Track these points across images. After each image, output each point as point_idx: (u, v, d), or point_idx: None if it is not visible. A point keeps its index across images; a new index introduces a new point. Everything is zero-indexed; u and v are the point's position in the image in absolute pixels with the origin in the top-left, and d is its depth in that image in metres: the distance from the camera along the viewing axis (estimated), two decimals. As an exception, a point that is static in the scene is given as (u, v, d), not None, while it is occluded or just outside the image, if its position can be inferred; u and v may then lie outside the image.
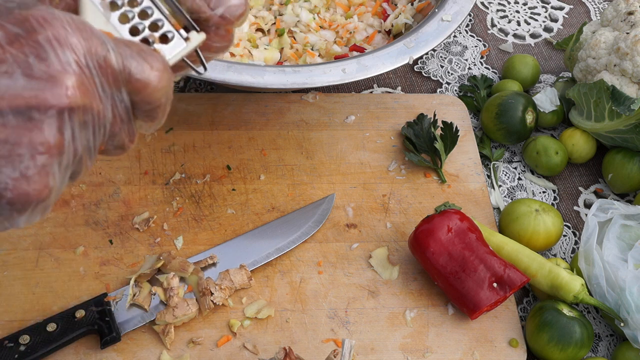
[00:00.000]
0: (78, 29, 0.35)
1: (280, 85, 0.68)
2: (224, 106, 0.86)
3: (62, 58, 0.34)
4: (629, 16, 0.82)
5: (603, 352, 0.71)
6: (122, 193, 0.76)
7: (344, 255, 0.74)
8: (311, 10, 0.89)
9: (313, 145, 0.83)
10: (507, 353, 0.68)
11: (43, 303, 0.67)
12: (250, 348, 0.66)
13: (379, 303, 0.70)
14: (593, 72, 0.84)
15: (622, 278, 0.66)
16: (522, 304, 0.74)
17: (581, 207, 0.83)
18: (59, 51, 0.34)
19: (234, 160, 0.81)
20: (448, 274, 0.68)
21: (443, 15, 0.76)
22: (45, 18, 0.34)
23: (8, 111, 0.33)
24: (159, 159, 0.80)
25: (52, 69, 0.33)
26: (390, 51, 0.72)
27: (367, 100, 0.89)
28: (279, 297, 0.70)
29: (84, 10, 0.39)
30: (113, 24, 0.40)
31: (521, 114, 0.84)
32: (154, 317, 0.66)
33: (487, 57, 1.00)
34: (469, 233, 0.69)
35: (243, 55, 0.82)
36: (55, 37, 0.34)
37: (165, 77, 0.38)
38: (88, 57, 0.35)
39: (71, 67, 0.34)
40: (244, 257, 0.71)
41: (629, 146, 0.81)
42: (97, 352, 0.64)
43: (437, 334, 0.69)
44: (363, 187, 0.80)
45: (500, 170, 0.86)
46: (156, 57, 0.38)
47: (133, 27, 0.40)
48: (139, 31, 0.40)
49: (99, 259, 0.71)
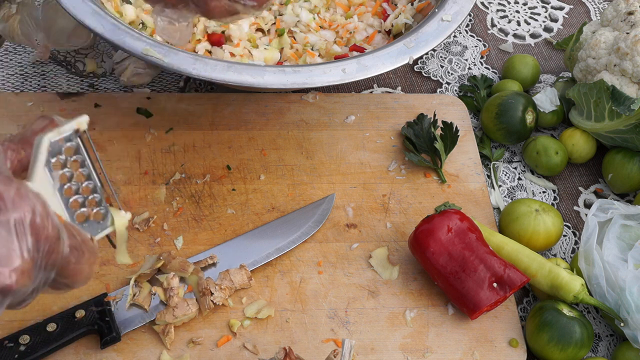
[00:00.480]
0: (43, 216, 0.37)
1: (280, 85, 0.68)
2: (224, 106, 0.86)
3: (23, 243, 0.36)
4: (629, 16, 0.82)
5: (603, 352, 0.71)
6: (122, 193, 0.76)
7: (344, 255, 0.74)
8: (311, 10, 0.89)
9: (313, 145, 0.83)
10: (507, 353, 0.68)
11: (43, 303, 0.67)
12: (250, 348, 0.66)
13: (379, 303, 0.71)
14: (593, 72, 0.84)
15: (622, 278, 0.66)
16: (522, 304, 0.74)
17: (581, 207, 0.83)
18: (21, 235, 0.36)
19: (234, 160, 0.81)
20: (448, 274, 0.68)
21: (443, 15, 0.76)
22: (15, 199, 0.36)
23: None
24: (159, 159, 0.80)
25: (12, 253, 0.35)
26: (390, 51, 0.72)
27: (367, 100, 0.89)
28: (279, 297, 0.70)
29: (35, 178, 0.41)
30: (58, 194, 0.42)
31: (521, 114, 0.84)
32: (154, 317, 0.66)
33: (487, 57, 1.00)
34: (469, 233, 0.69)
35: (243, 55, 0.82)
36: (22, 221, 0.36)
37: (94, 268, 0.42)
38: (43, 243, 0.37)
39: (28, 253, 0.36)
40: (244, 257, 0.71)
41: (629, 146, 0.81)
42: (97, 352, 0.64)
43: (437, 334, 0.69)
44: (363, 187, 0.80)
45: (500, 170, 0.86)
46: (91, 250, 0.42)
47: (74, 202, 0.43)
48: (79, 205, 0.44)
49: (99, 259, 0.71)
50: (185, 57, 0.67)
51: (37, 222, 0.36)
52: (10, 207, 0.35)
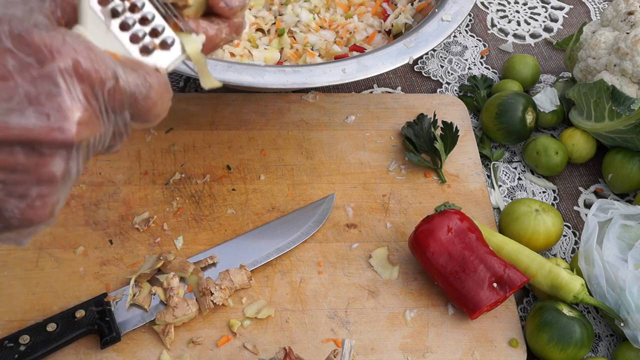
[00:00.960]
0: (89, 58, 0.35)
1: (280, 85, 0.68)
2: (224, 106, 0.86)
3: (73, 92, 0.34)
4: (629, 16, 0.82)
5: (603, 352, 0.71)
6: (122, 193, 0.76)
7: (344, 255, 0.74)
8: (311, 10, 0.89)
9: (313, 145, 0.83)
10: (507, 353, 0.68)
11: (43, 303, 0.67)
12: (250, 348, 0.66)
13: (379, 303, 0.70)
14: (593, 72, 0.84)
15: (622, 278, 0.66)
16: (522, 304, 0.74)
17: (581, 207, 0.83)
18: (70, 85, 0.34)
19: (234, 160, 0.81)
20: (448, 274, 0.68)
21: (443, 15, 0.76)
22: (57, 47, 0.34)
23: (18, 146, 0.33)
24: (159, 159, 0.80)
25: (63, 106, 0.34)
26: (390, 51, 0.72)
27: (367, 100, 0.89)
28: (279, 297, 0.70)
29: (85, 19, 0.38)
30: (113, 31, 0.39)
31: (521, 114, 0.84)
32: (154, 317, 0.66)
33: (487, 57, 1.00)
34: (469, 233, 0.69)
35: (243, 55, 0.82)
36: (66, 70, 0.34)
37: (167, 97, 0.40)
38: (98, 87, 0.35)
39: (81, 103, 0.34)
40: (244, 257, 0.71)
41: (629, 146, 0.81)
42: (97, 352, 0.64)
43: (437, 334, 0.69)
44: (363, 187, 0.80)
45: (500, 170, 0.86)
46: (158, 78, 0.39)
47: (133, 35, 0.40)
48: (139, 38, 0.40)
49: (99, 259, 0.71)
50: (185, 57, 0.67)
51: (84, 67, 0.34)
52: (50, 57, 0.33)
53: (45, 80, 0.33)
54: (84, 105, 0.35)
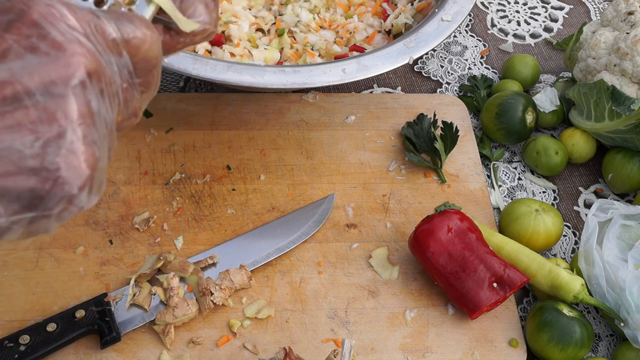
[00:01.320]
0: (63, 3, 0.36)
1: (280, 85, 0.68)
2: (224, 106, 0.86)
3: (62, 30, 0.35)
4: (629, 16, 0.82)
5: (603, 352, 0.71)
6: (122, 193, 0.76)
7: (344, 255, 0.74)
8: (311, 10, 0.89)
9: (313, 145, 0.83)
10: (507, 353, 0.68)
11: (43, 303, 0.67)
12: (250, 348, 0.66)
13: (379, 303, 0.70)
14: (593, 72, 0.84)
15: (622, 278, 0.66)
16: (522, 304, 0.74)
17: (581, 207, 0.83)
18: (57, 24, 0.35)
19: (234, 160, 0.81)
20: (448, 274, 0.68)
21: (443, 15, 0.76)
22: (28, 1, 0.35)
23: (34, 91, 0.33)
24: (159, 159, 0.80)
25: (57, 41, 0.34)
26: (390, 51, 0.72)
27: (367, 100, 0.89)
28: (279, 297, 0.70)
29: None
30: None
31: (521, 114, 0.84)
32: (154, 317, 0.66)
33: (487, 57, 1.00)
34: (469, 233, 0.69)
35: (243, 55, 0.82)
36: (46, 14, 0.35)
37: (155, 34, 0.40)
38: (84, 25, 0.36)
39: (73, 36, 0.35)
40: (244, 257, 0.71)
41: (629, 146, 0.81)
42: (97, 352, 0.64)
43: (437, 334, 0.69)
44: (363, 187, 0.80)
45: (500, 170, 0.86)
46: (139, 18, 0.39)
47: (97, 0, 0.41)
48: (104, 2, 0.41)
49: (99, 259, 0.71)
50: (185, 57, 0.67)
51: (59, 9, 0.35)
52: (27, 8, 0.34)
53: (31, 27, 0.34)
54: (78, 39, 0.35)
